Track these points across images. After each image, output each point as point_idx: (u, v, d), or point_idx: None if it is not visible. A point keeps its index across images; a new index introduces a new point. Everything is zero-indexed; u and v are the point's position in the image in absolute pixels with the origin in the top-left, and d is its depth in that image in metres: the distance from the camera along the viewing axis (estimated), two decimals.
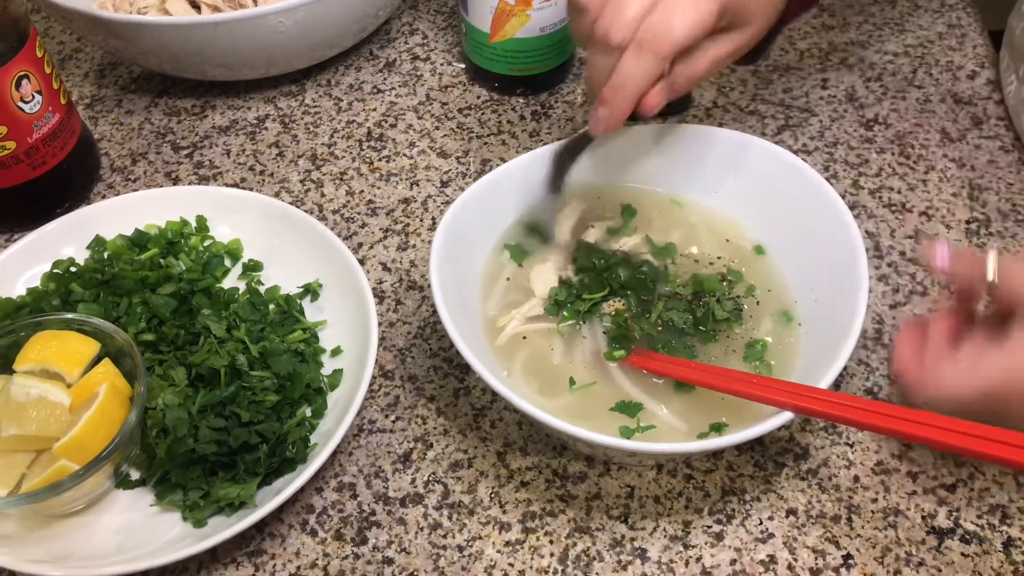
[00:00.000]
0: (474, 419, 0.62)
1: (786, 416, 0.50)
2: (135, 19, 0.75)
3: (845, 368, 0.60)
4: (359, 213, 0.74)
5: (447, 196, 0.75)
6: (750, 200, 0.65)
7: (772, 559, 0.55)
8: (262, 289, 0.67)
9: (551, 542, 0.56)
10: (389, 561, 0.56)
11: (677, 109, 0.81)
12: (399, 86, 0.85)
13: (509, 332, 0.60)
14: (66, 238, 0.68)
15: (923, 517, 0.57)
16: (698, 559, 0.55)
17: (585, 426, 0.51)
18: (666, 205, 0.67)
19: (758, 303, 0.62)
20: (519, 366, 0.59)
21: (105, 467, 0.54)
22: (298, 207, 0.70)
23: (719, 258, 0.64)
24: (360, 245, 0.72)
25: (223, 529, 0.53)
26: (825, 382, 0.51)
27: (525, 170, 0.64)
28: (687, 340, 0.60)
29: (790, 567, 0.55)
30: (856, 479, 0.59)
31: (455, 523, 0.57)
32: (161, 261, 0.67)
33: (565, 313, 0.61)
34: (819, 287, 0.59)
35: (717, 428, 0.55)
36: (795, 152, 0.78)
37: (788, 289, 0.62)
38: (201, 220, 0.70)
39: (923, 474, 0.59)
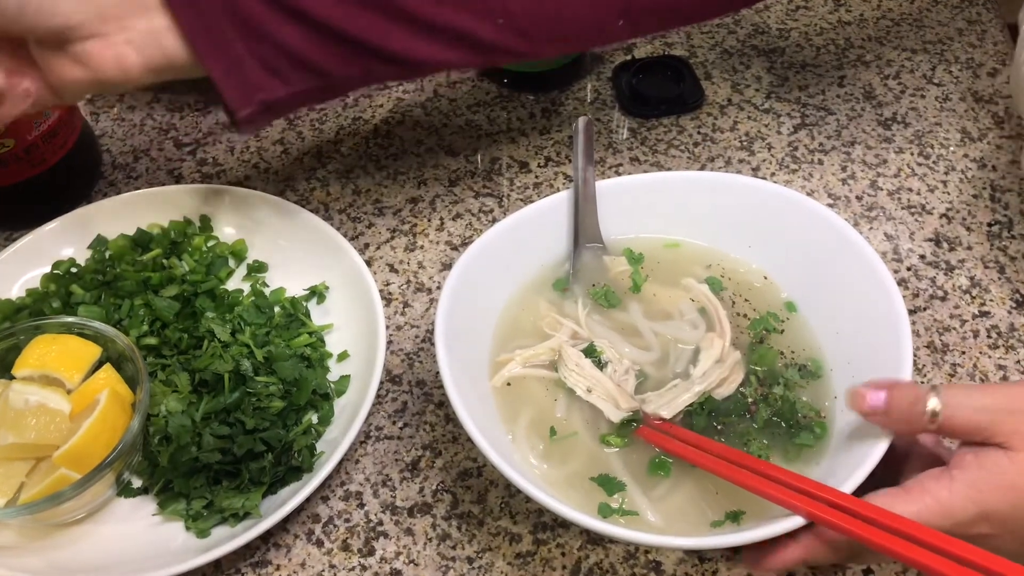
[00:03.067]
0: None
1: (797, 521, 0.44)
2: None
3: None
4: (366, 212, 0.73)
5: (455, 195, 0.74)
6: (782, 257, 0.60)
7: (791, 573, 0.54)
8: (267, 291, 0.65)
9: (563, 554, 0.55)
10: (397, 573, 0.54)
11: (691, 105, 0.79)
12: (407, 82, 0.83)
13: (506, 374, 0.56)
14: (66, 238, 0.66)
15: None
16: (714, 572, 0.54)
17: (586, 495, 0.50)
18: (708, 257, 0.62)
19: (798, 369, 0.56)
20: (523, 428, 0.54)
21: (106, 476, 0.53)
22: (303, 206, 0.68)
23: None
24: (367, 246, 0.71)
25: (227, 540, 0.52)
26: (853, 481, 0.45)
27: (557, 211, 0.61)
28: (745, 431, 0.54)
29: None
30: None
31: (464, 534, 0.56)
32: (164, 262, 0.65)
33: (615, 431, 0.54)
34: (856, 360, 0.54)
35: (734, 517, 0.50)
36: (811, 152, 0.76)
37: (823, 352, 0.57)
38: (205, 219, 0.68)
39: None
